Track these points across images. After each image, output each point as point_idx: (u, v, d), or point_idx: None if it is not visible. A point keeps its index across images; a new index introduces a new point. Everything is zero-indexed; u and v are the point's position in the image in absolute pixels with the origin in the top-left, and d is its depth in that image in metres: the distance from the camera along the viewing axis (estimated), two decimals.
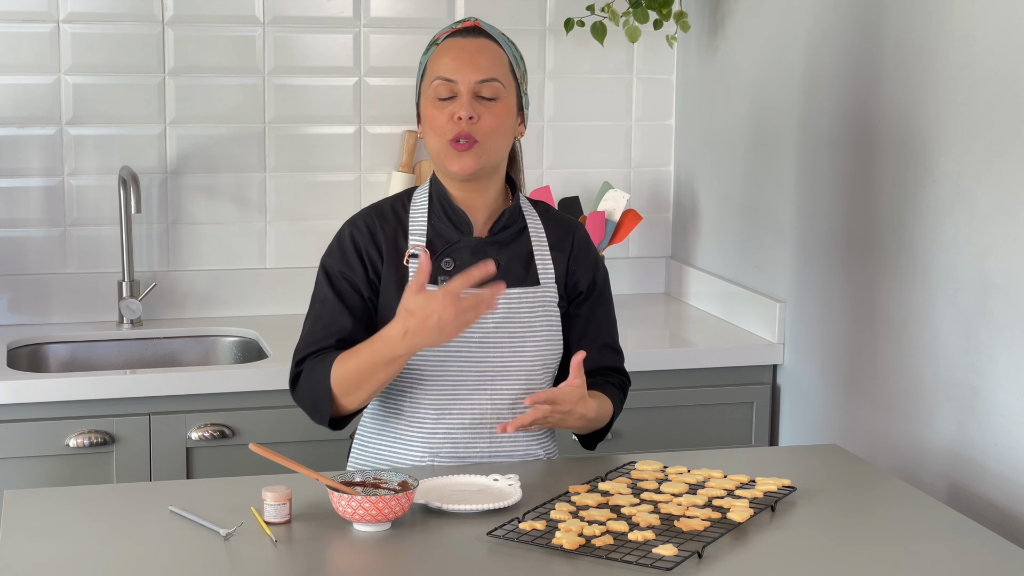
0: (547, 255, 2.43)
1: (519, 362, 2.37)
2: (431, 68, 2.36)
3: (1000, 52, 2.49)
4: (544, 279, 2.41)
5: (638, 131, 3.84)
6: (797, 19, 3.19)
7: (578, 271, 2.45)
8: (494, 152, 2.35)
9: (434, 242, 2.38)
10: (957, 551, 2.07)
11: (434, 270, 2.35)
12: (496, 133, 2.33)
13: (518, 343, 2.37)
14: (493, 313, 2.34)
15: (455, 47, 2.35)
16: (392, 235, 2.39)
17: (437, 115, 2.33)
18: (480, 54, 2.33)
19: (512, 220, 2.42)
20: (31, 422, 2.93)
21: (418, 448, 2.38)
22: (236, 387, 3.02)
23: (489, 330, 2.35)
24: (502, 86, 2.34)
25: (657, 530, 2.06)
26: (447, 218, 2.39)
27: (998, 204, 2.51)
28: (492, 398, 2.37)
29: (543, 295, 2.40)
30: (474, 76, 2.32)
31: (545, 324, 2.40)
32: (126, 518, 2.14)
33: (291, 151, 3.59)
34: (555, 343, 2.41)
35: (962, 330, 2.62)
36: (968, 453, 2.60)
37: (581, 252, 2.46)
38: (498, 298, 2.31)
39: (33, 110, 3.41)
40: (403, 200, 2.43)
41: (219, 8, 3.49)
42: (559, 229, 2.46)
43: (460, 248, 2.38)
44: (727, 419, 3.30)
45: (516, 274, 2.39)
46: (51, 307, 3.46)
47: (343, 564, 2.01)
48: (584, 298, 2.46)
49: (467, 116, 2.30)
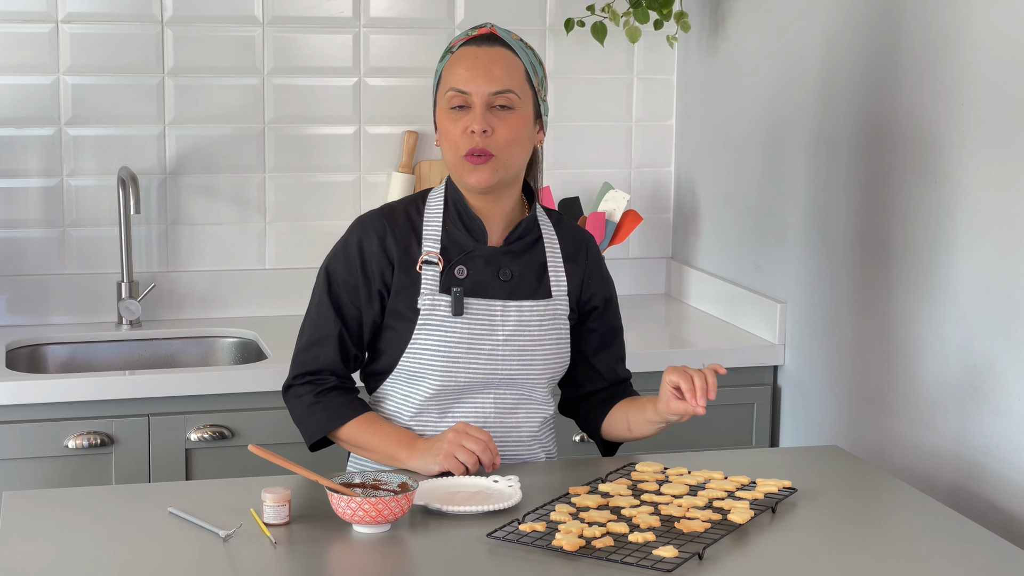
0: (560, 267, 2.40)
1: (526, 373, 2.36)
2: (446, 78, 2.32)
3: (1001, 53, 2.49)
4: (556, 291, 2.39)
5: (638, 131, 3.84)
6: (798, 19, 3.19)
7: (593, 286, 2.44)
8: (511, 165, 2.31)
9: (448, 249, 2.35)
10: (958, 553, 2.06)
11: (447, 278, 2.33)
12: (512, 145, 2.29)
13: (527, 356, 2.36)
14: (504, 325, 2.33)
15: (469, 56, 2.30)
16: (404, 240, 2.36)
17: (451, 127, 2.29)
18: (494, 64, 2.28)
19: (528, 230, 2.39)
20: (30, 423, 2.92)
21: None
22: (235, 388, 3.02)
23: (499, 342, 2.34)
24: (517, 96, 2.29)
25: (657, 531, 2.06)
26: (463, 225, 2.36)
27: (999, 204, 2.50)
28: (495, 402, 2.37)
29: (554, 308, 2.38)
30: (487, 88, 2.27)
31: (554, 337, 2.38)
32: (125, 519, 2.14)
33: (291, 151, 3.59)
34: (563, 355, 2.40)
35: (963, 331, 2.61)
36: (970, 454, 2.60)
37: (596, 267, 2.45)
38: (509, 310, 2.34)
39: (32, 110, 3.40)
40: (417, 203, 2.40)
41: (218, 8, 3.49)
42: (573, 242, 2.44)
43: (475, 256, 2.35)
44: (728, 420, 3.30)
45: (528, 286, 2.37)
46: (50, 308, 3.45)
47: (343, 566, 2.00)
48: (600, 313, 2.45)
49: (480, 130, 2.26)
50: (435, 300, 2.32)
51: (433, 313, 2.32)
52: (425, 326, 2.32)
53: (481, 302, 2.33)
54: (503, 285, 2.35)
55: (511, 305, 2.34)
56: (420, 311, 2.32)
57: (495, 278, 2.35)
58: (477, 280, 2.34)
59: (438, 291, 2.32)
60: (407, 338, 2.33)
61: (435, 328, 2.32)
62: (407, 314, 2.33)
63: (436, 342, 2.31)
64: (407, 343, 2.33)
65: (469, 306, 2.32)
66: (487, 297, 2.33)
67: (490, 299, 2.33)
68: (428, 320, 2.32)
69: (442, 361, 2.32)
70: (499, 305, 2.33)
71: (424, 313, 2.32)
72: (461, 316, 2.31)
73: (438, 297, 2.32)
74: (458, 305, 2.31)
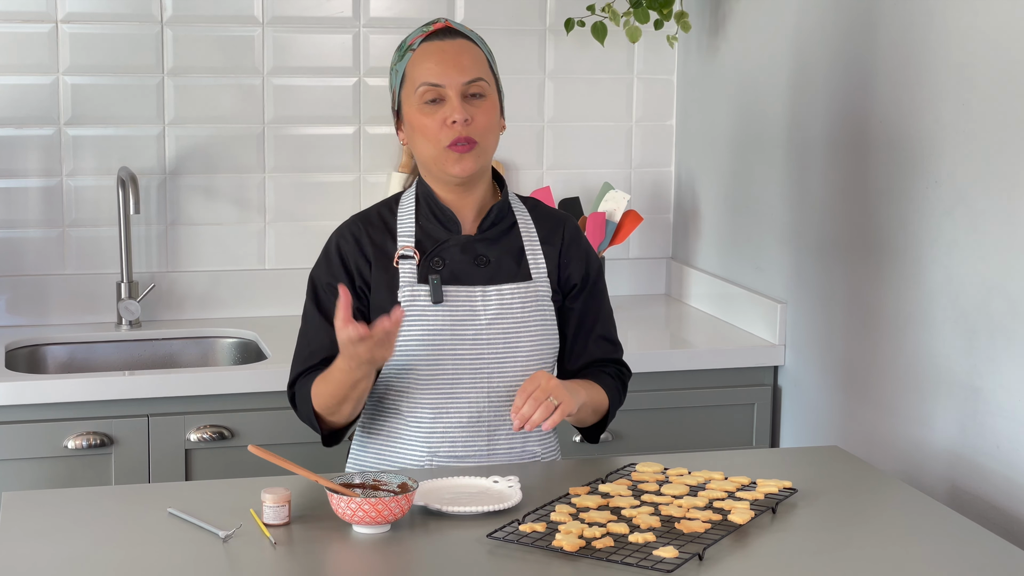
0: (538, 250, 2.43)
1: (514, 358, 2.37)
2: (412, 74, 2.35)
3: (1000, 51, 2.49)
4: (536, 274, 2.41)
5: (639, 132, 3.84)
6: (799, 19, 3.18)
7: (570, 264, 2.45)
8: (489, 151, 2.37)
9: (423, 242, 2.39)
10: (958, 553, 2.06)
11: (424, 269, 2.37)
12: (488, 132, 2.35)
13: (512, 339, 2.37)
14: (486, 309, 2.36)
15: (435, 51, 2.34)
16: (380, 239, 2.40)
17: (427, 121, 2.33)
18: (462, 55, 2.34)
19: (501, 216, 2.43)
20: (29, 423, 2.92)
21: (417, 448, 2.38)
22: (235, 388, 3.01)
23: (483, 327, 2.36)
24: (487, 83, 2.35)
25: (658, 532, 2.06)
26: (435, 218, 2.40)
27: (998, 204, 2.50)
28: (489, 395, 2.37)
29: (535, 290, 2.40)
30: (460, 77, 2.32)
31: (539, 318, 2.40)
32: (124, 520, 2.14)
33: (290, 152, 3.58)
34: (550, 337, 2.41)
35: (963, 331, 2.61)
36: (970, 455, 2.60)
37: (572, 245, 2.47)
38: (490, 294, 2.36)
39: (31, 110, 3.40)
40: (390, 204, 2.45)
41: (218, 8, 3.48)
42: (549, 223, 2.47)
43: (450, 247, 2.39)
44: (728, 421, 3.30)
45: (507, 270, 2.40)
46: (49, 308, 3.45)
47: (342, 566, 2.00)
48: (579, 291, 2.46)
49: (463, 119, 2.30)
50: (414, 291, 2.35)
51: (414, 303, 2.34)
52: (407, 317, 2.34)
53: (460, 288, 2.36)
54: (481, 271, 2.38)
55: (491, 289, 2.37)
56: (401, 303, 2.35)
57: (472, 265, 2.38)
58: (454, 268, 2.37)
59: (416, 282, 2.35)
60: None
61: (417, 318, 2.34)
62: (389, 308, 2.34)
63: (419, 331, 2.34)
64: None
65: (448, 293, 2.35)
66: (466, 284, 2.37)
67: (469, 285, 2.37)
68: (409, 311, 2.34)
69: (427, 349, 2.33)
70: (479, 290, 2.37)
71: (405, 304, 2.34)
72: (441, 303, 2.34)
73: (417, 288, 2.35)
74: (437, 292, 2.34)
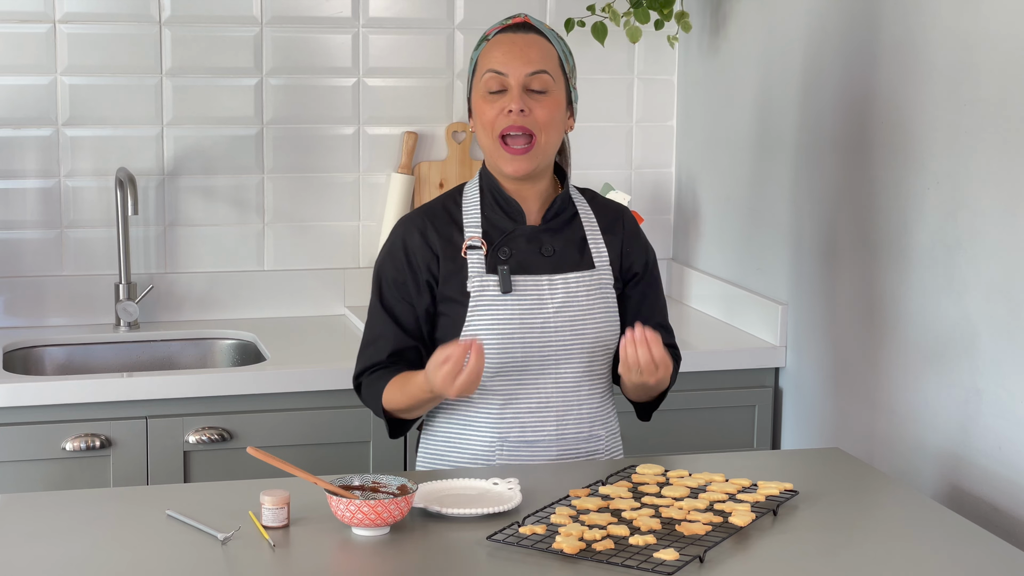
0: (599, 239, 2.49)
1: (580, 345, 2.42)
2: (482, 63, 2.42)
3: (1002, 52, 2.48)
4: (599, 262, 2.47)
5: (639, 132, 3.83)
6: (799, 19, 3.18)
7: (633, 253, 2.52)
8: (549, 149, 2.42)
9: (490, 233, 2.44)
10: (960, 555, 2.06)
11: (491, 259, 2.42)
12: (549, 126, 2.39)
13: (578, 326, 2.42)
14: (553, 298, 2.41)
15: (506, 41, 2.41)
16: (446, 231, 2.44)
17: (487, 109, 2.40)
18: (530, 48, 2.39)
19: (563, 207, 2.48)
20: (27, 425, 2.91)
21: (487, 433, 2.43)
22: (234, 390, 3.01)
23: (550, 315, 2.40)
24: (551, 79, 2.39)
25: (658, 534, 2.05)
26: (500, 209, 2.45)
27: (999, 204, 2.50)
28: (556, 381, 2.42)
29: (599, 278, 2.46)
30: (524, 68, 2.37)
31: (602, 306, 2.45)
32: (123, 522, 2.14)
33: (289, 152, 3.58)
34: (613, 324, 2.47)
35: (965, 332, 2.60)
36: (971, 456, 2.59)
37: (633, 235, 2.54)
38: (556, 283, 2.41)
39: (29, 111, 3.39)
40: (454, 196, 2.50)
41: (217, 8, 3.48)
42: (609, 214, 2.53)
43: (516, 236, 2.44)
44: (729, 422, 3.29)
45: (571, 259, 2.45)
46: (47, 309, 3.45)
47: (342, 569, 1.99)
48: (639, 280, 2.52)
49: (518, 109, 2.36)
50: (483, 281, 2.40)
51: (483, 293, 2.40)
52: (477, 307, 2.39)
53: (528, 278, 2.41)
54: (546, 261, 2.44)
55: (557, 278, 2.43)
56: (471, 294, 2.40)
57: (538, 255, 2.43)
58: (521, 259, 2.42)
59: (485, 272, 2.41)
60: (460, 322, 2.40)
61: (486, 307, 2.39)
62: (458, 298, 2.41)
63: (489, 321, 2.39)
64: (461, 327, 2.40)
65: (516, 283, 2.40)
66: (533, 273, 2.42)
67: (536, 275, 2.41)
68: (479, 300, 2.39)
69: (497, 338, 2.38)
70: (545, 279, 2.42)
71: (474, 295, 2.40)
72: (510, 293, 2.40)
73: (486, 278, 2.40)
74: (506, 282, 2.39)
